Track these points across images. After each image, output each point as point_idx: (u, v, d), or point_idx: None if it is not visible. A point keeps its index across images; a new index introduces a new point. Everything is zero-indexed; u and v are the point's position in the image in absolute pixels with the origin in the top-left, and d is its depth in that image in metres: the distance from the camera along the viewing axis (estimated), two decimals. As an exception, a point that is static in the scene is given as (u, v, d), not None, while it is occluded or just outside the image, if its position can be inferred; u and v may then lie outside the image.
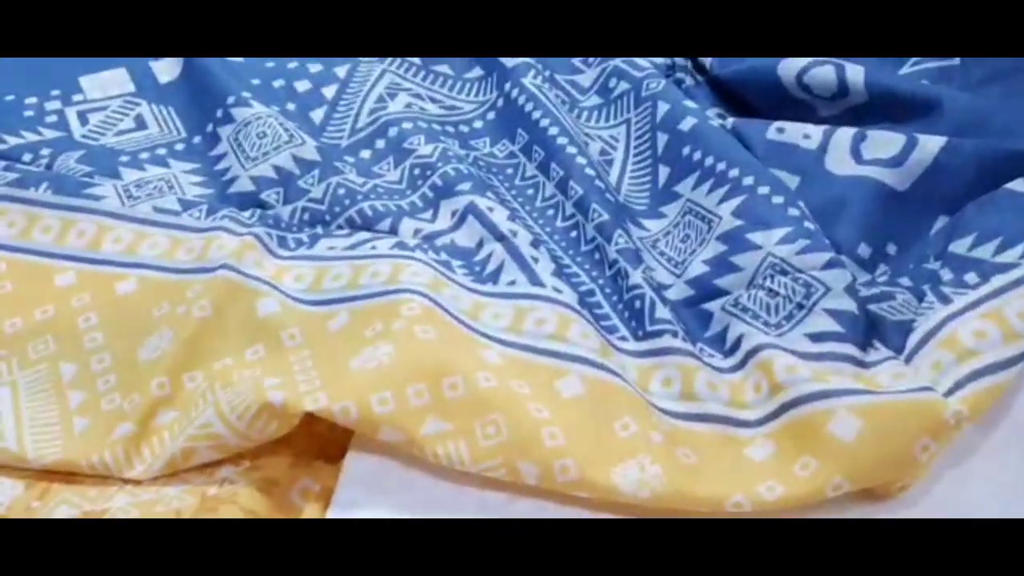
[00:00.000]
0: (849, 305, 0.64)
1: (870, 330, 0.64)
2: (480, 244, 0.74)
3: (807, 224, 0.68)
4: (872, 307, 0.65)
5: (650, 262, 0.73)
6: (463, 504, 0.60)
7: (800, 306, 0.65)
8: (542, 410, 0.60)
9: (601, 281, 0.72)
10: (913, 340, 0.63)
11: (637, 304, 0.69)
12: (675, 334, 0.66)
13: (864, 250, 0.71)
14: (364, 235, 0.74)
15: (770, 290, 0.66)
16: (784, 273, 0.66)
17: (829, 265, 0.65)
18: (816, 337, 0.63)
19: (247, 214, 0.76)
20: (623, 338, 0.68)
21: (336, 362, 0.63)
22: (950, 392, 0.59)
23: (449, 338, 0.63)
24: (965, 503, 0.60)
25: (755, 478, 0.58)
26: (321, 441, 0.64)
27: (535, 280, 0.69)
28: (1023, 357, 0.60)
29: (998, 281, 0.62)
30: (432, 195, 0.78)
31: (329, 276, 0.70)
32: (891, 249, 0.72)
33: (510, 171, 0.83)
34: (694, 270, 0.71)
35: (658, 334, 0.66)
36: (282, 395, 0.60)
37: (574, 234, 0.76)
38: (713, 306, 0.69)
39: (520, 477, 0.59)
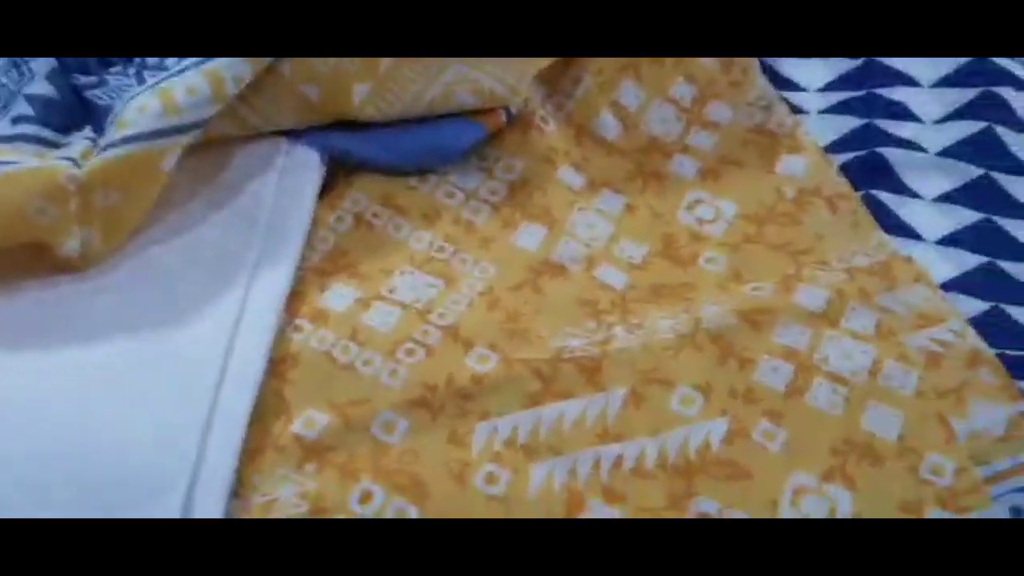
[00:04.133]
0: (46, 89, 0.66)
1: (83, 115, 0.66)
2: None
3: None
4: (87, 93, 0.66)
5: None
6: None
7: (13, 93, 0.66)
8: None
9: None
10: (109, 122, 0.64)
11: None
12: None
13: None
14: None
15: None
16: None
17: None
18: (15, 120, 0.65)
19: None
20: None
21: None
22: None
23: None
24: (159, 266, 0.63)
25: None
26: None
27: None
28: (174, 131, 0.61)
29: (190, 61, 0.63)
30: None
31: None
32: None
33: None
34: None
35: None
36: None
37: None
38: None
39: None
